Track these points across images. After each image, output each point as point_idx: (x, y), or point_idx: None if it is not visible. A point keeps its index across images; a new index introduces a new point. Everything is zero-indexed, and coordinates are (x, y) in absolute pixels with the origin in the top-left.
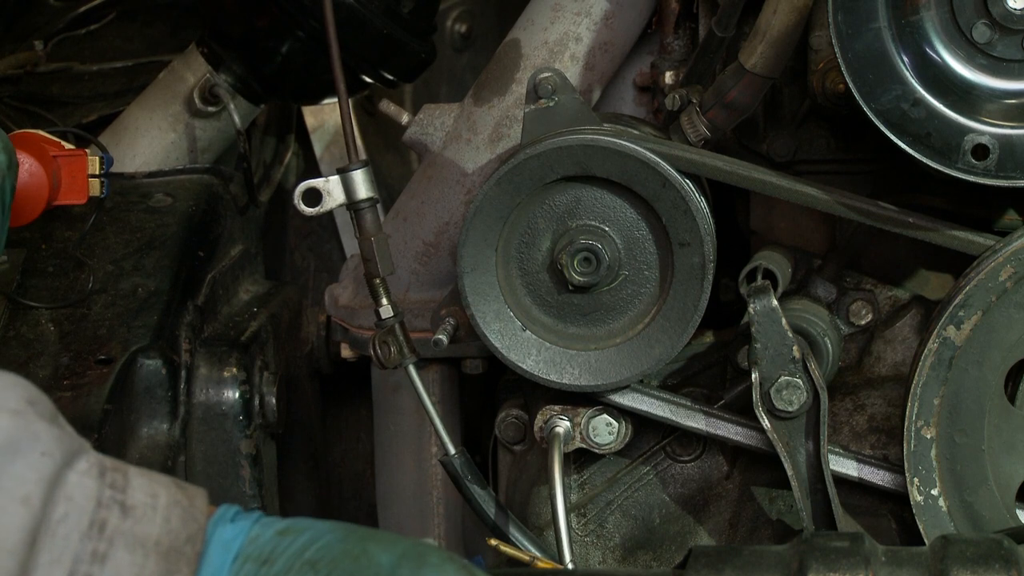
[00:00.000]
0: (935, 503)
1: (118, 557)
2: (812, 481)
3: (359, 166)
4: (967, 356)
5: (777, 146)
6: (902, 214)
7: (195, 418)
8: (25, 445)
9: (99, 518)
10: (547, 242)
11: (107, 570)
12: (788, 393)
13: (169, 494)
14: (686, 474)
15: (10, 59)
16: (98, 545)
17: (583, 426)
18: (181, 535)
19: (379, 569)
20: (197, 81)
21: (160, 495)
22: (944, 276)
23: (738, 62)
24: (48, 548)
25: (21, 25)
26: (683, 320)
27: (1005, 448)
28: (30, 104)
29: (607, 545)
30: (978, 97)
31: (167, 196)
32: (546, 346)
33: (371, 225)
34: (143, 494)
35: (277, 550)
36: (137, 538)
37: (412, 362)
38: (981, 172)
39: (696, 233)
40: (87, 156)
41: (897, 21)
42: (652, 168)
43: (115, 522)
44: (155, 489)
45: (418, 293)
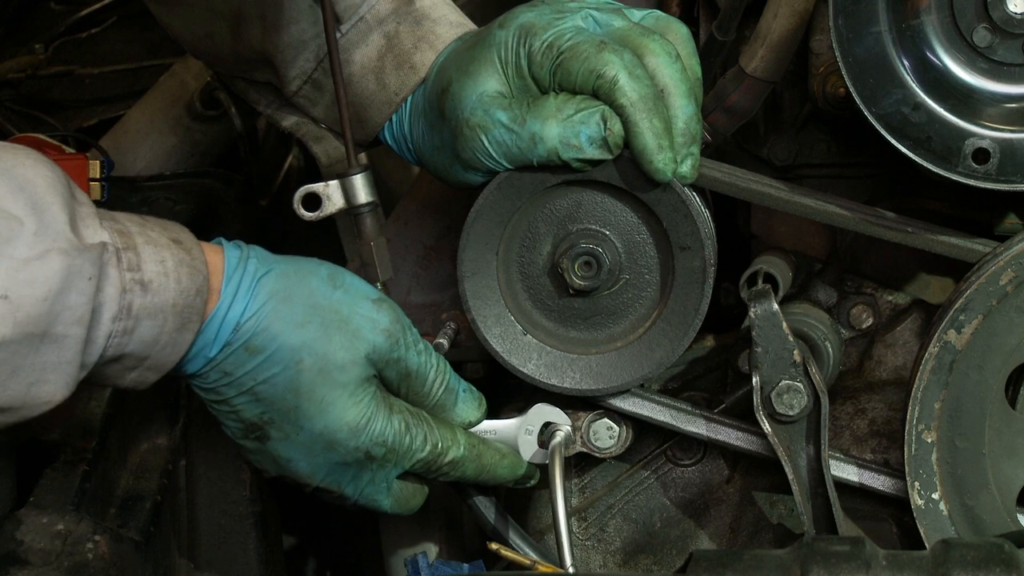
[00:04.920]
0: (936, 507)
1: (143, 327)
2: (813, 485)
3: (359, 171)
4: (968, 360)
5: (778, 150)
6: (901, 223)
7: (195, 422)
8: (75, 278)
9: (125, 303)
10: (548, 246)
11: (134, 340)
12: (789, 397)
13: (173, 256)
14: (687, 478)
15: (11, 63)
16: (127, 323)
17: (584, 430)
18: (191, 290)
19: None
20: (198, 85)
21: (167, 259)
22: (945, 280)
23: (738, 66)
24: (90, 340)
25: (22, 29)
26: (684, 324)
27: (1006, 452)
28: (31, 108)
29: (608, 549)
30: (979, 101)
31: (168, 199)
32: (547, 350)
33: (371, 229)
34: (154, 263)
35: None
36: (157, 307)
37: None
38: (982, 176)
39: (697, 237)
40: (88, 160)
41: (897, 25)
42: None
43: (139, 302)
44: (162, 254)
45: (419, 297)
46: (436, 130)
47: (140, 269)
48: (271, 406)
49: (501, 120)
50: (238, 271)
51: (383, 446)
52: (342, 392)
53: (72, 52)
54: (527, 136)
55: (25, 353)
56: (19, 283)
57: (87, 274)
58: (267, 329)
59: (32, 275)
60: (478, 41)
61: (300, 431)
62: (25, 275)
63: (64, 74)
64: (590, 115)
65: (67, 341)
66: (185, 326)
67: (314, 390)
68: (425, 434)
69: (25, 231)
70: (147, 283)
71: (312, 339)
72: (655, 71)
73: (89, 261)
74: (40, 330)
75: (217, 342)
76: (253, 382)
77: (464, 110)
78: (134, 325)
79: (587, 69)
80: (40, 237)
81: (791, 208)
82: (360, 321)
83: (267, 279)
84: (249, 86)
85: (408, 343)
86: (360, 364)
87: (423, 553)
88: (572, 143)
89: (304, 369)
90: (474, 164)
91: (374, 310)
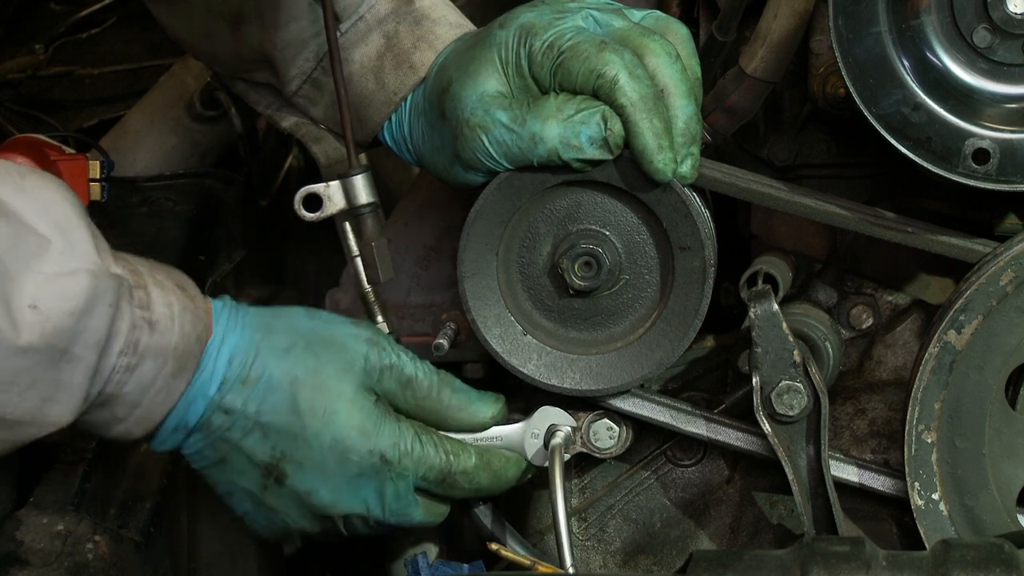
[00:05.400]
0: (936, 507)
1: (144, 366)
2: (813, 485)
3: (360, 171)
4: (968, 360)
5: (778, 150)
6: (901, 223)
7: None
8: (98, 300)
9: (133, 339)
10: (548, 247)
11: (133, 379)
12: (789, 397)
13: (179, 300)
14: (687, 478)
15: (11, 63)
16: (131, 360)
17: (584, 431)
18: (192, 337)
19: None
20: (198, 85)
21: (174, 303)
22: (945, 280)
23: (739, 66)
24: (98, 370)
25: (22, 29)
26: (684, 324)
27: (1006, 452)
28: (31, 108)
29: (608, 549)
30: (979, 101)
31: (168, 200)
32: (547, 350)
33: (372, 230)
34: (162, 306)
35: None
36: (160, 348)
37: None
38: (981, 176)
39: (697, 237)
40: (88, 160)
41: (898, 25)
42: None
43: (145, 339)
44: (169, 298)
45: (419, 297)
46: (436, 130)
47: (150, 308)
48: (279, 436)
49: (501, 120)
50: (224, 311)
51: (395, 447)
52: (342, 401)
53: (72, 52)
54: (527, 136)
55: (46, 366)
56: (49, 295)
57: (108, 300)
58: (257, 359)
59: (62, 289)
60: (478, 41)
61: (311, 451)
62: (54, 289)
63: (64, 74)
64: (590, 115)
65: (81, 364)
66: (181, 372)
67: (314, 405)
68: (435, 442)
69: (53, 249)
70: (155, 323)
71: (301, 359)
72: (655, 71)
73: (111, 288)
74: (63, 345)
75: (215, 378)
76: (256, 415)
77: (464, 110)
78: (137, 363)
79: (588, 69)
80: (67, 256)
81: (791, 208)
82: (343, 337)
83: (250, 316)
84: (249, 87)
85: (396, 350)
86: (353, 372)
87: (423, 553)
88: (572, 143)
89: (300, 387)
90: (474, 164)
91: (353, 326)
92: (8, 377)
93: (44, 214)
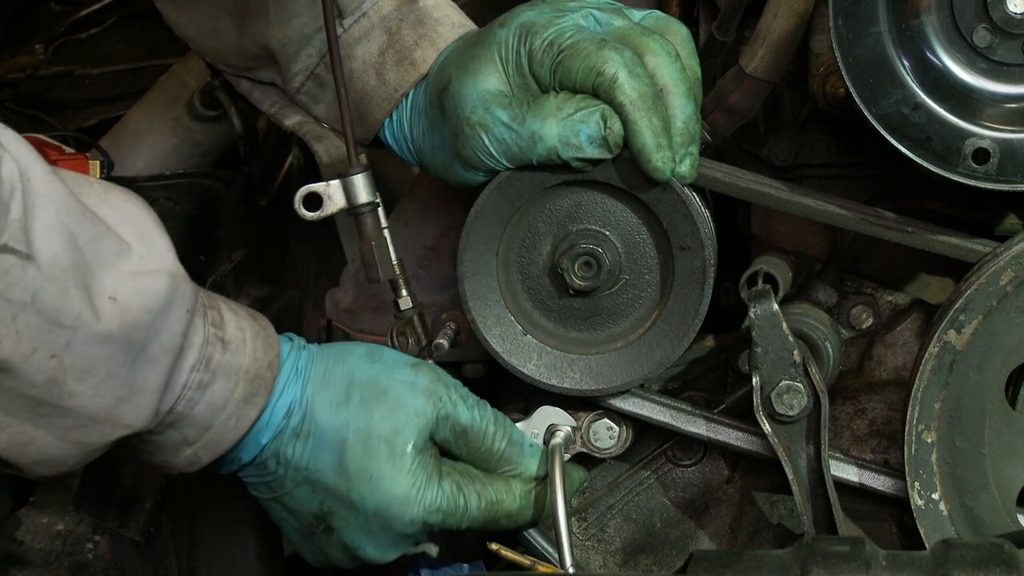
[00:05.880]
0: (936, 507)
1: (216, 386)
2: (813, 485)
3: (360, 170)
4: (968, 360)
5: (778, 150)
6: (901, 223)
7: None
8: (176, 303)
9: (206, 354)
10: (548, 246)
11: (204, 399)
12: (789, 397)
13: (251, 327)
14: (687, 478)
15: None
16: (203, 376)
17: (584, 430)
18: (263, 362)
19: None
20: (198, 85)
21: (246, 328)
22: (945, 280)
23: (738, 66)
24: (170, 384)
25: (22, 29)
26: (684, 324)
27: (1006, 452)
28: (31, 108)
29: (608, 549)
30: (978, 101)
31: (168, 200)
32: (547, 350)
33: (372, 229)
34: (235, 328)
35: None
36: (232, 368)
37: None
38: (981, 176)
39: (697, 237)
40: (88, 160)
41: (898, 25)
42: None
43: (218, 357)
44: (241, 323)
45: (419, 297)
46: (436, 129)
47: (223, 328)
48: (327, 494)
49: (501, 118)
50: (291, 354)
51: (438, 512)
52: (389, 465)
53: (72, 52)
54: (527, 135)
55: (123, 361)
56: (128, 290)
57: (186, 305)
58: (310, 413)
59: (141, 286)
60: (479, 40)
61: (356, 513)
62: (134, 285)
63: (64, 74)
64: (590, 114)
65: (157, 367)
66: (252, 399)
67: (362, 469)
68: (478, 492)
69: (134, 253)
70: (227, 342)
71: (353, 416)
72: (655, 70)
73: (189, 293)
74: (141, 341)
75: (269, 428)
76: (306, 470)
77: (465, 108)
78: (210, 380)
79: (587, 66)
80: (147, 259)
81: (791, 208)
82: (398, 388)
83: (310, 364)
84: (254, 86)
85: (454, 399)
86: (404, 432)
87: (423, 553)
88: (572, 142)
89: (349, 449)
90: (474, 163)
91: (411, 373)
92: (86, 365)
93: (126, 223)
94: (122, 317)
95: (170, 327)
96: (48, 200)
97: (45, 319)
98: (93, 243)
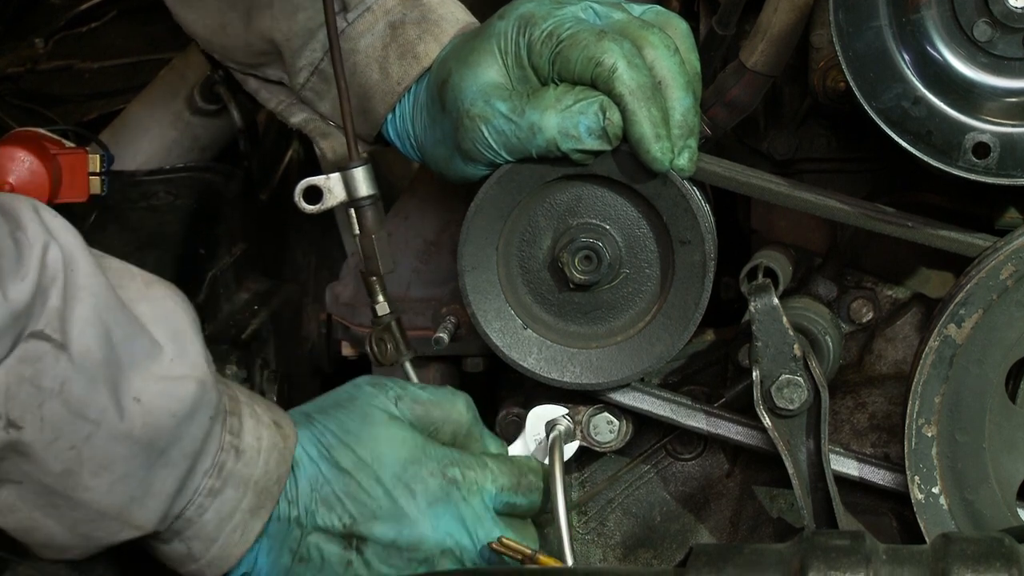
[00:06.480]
0: (936, 501)
1: (226, 494)
2: (813, 479)
3: (360, 163)
4: (968, 354)
5: (778, 145)
6: (901, 218)
7: None
8: (201, 410)
9: (219, 460)
10: (548, 240)
11: (215, 505)
12: (789, 391)
13: (270, 436)
14: (687, 472)
15: (11, 57)
16: (215, 483)
17: (584, 424)
18: (273, 476)
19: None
20: (198, 79)
21: (263, 437)
22: (945, 274)
23: (739, 60)
24: (182, 490)
25: (22, 23)
26: (684, 318)
27: (1006, 446)
28: (31, 102)
29: (608, 543)
30: (979, 95)
31: (168, 194)
32: (547, 344)
33: (372, 223)
34: (252, 437)
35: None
36: (244, 478)
37: (408, 359)
38: (982, 170)
39: (697, 231)
40: (87, 154)
41: (898, 19)
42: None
43: (230, 465)
44: (260, 432)
45: (419, 291)
46: (437, 123)
47: (239, 436)
48: (339, 503)
49: (501, 110)
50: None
51: (453, 464)
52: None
53: (72, 46)
54: (526, 126)
55: (141, 462)
56: (154, 393)
57: (210, 412)
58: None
59: (167, 390)
60: (479, 33)
61: (376, 499)
62: (161, 388)
63: (64, 68)
64: (588, 105)
65: (174, 472)
66: (258, 511)
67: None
68: (484, 457)
69: (165, 356)
70: (241, 451)
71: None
72: (653, 63)
73: (214, 400)
74: (162, 445)
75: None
76: (312, 493)
77: (464, 101)
78: (221, 487)
79: (586, 57)
80: (177, 363)
81: (791, 203)
82: (346, 395)
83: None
84: (261, 84)
85: (395, 381)
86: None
87: None
88: (571, 133)
89: (336, 451)
90: (474, 156)
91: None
92: (105, 461)
93: (162, 321)
94: (145, 419)
95: (192, 433)
96: (88, 293)
97: (70, 410)
98: (127, 341)
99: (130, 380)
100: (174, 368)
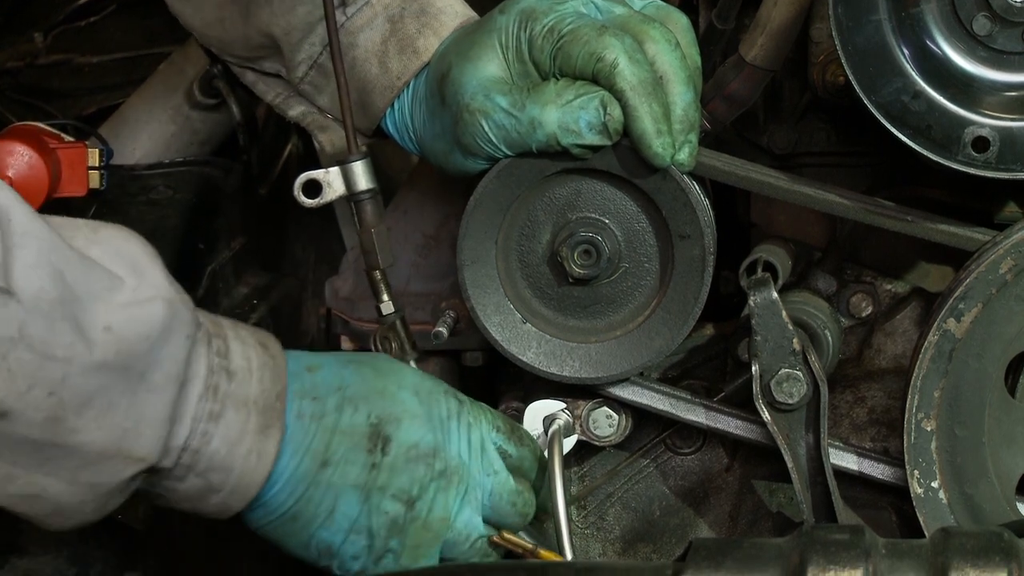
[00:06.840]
0: (935, 495)
1: (228, 416)
2: (812, 473)
3: (359, 157)
4: (967, 349)
5: (777, 139)
6: (900, 212)
7: None
8: (175, 330)
9: (212, 383)
10: (547, 235)
11: (220, 428)
12: (788, 385)
13: (258, 356)
14: (686, 467)
15: (10, 51)
16: (213, 406)
17: (583, 419)
18: (272, 393)
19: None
20: (197, 73)
21: (252, 358)
22: (944, 269)
23: (738, 54)
24: (178, 417)
25: (21, 17)
26: (683, 313)
27: (1005, 441)
28: (30, 96)
29: (607, 537)
30: (978, 89)
31: (167, 188)
32: (546, 338)
33: (371, 217)
34: (240, 358)
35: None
36: (242, 399)
37: (413, 358)
38: (981, 164)
39: (696, 225)
40: (87, 148)
41: (897, 13)
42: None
43: (224, 387)
44: (248, 352)
45: (418, 285)
46: (437, 117)
47: (228, 357)
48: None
49: (501, 105)
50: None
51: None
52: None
53: (71, 41)
54: (526, 121)
55: (122, 389)
56: (122, 319)
57: (186, 331)
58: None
59: (135, 314)
60: (479, 27)
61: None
62: (128, 314)
63: (63, 63)
64: (589, 100)
65: (162, 396)
66: (267, 430)
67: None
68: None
69: (126, 285)
70: (232, 372)
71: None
72: (655, 58)
73: (188, 319)
74: (140, 368)
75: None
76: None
77: (464, 95)
78: (220, 410)
79: (587, 52)
80: (141, 290)
81: (790, 197)
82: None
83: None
84: (259, 77)
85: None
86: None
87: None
88: (571, 128)
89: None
90: (474, 150)
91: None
92: (84, 397)
93: (116, 257)
94: (118, 346)
95: (170, 354)
96: (31, 238)
97: (36, 353)
98: (82, 277)
99: (94, 312)
100: (138, 294)
